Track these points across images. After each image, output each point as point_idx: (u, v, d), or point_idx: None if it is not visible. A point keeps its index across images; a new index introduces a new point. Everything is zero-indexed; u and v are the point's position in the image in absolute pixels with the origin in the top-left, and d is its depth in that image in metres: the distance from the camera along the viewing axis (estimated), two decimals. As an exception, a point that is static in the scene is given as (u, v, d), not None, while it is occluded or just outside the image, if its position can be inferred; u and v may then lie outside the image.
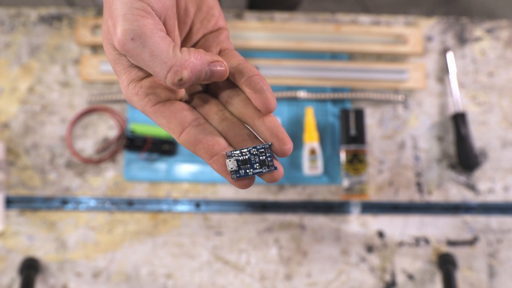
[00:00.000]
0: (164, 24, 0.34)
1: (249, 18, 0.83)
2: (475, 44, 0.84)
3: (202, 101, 0.37)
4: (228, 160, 0.34)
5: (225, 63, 0.34)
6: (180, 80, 0.32)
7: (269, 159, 0.34)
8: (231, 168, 0.34)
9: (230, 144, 0.35)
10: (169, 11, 0.34)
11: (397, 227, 0.78)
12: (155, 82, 0.35)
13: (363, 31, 0.81)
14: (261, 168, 0.34)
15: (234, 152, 0.34)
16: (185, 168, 0.78)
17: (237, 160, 0.34)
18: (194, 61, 0.33)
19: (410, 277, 0.77)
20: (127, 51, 0.32)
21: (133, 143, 0.77)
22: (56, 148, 0.78)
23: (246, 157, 0.34)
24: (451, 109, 0.81)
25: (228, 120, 0.36)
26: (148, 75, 0.35)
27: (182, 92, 0.36)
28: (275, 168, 0.34)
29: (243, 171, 0.34)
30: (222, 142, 0.34)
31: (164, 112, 0.34)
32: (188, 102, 0.37)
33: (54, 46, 0.81)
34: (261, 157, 0.34)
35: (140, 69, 0.34)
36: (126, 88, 0.35)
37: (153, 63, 0.32)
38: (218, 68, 0.34)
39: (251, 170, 0.34)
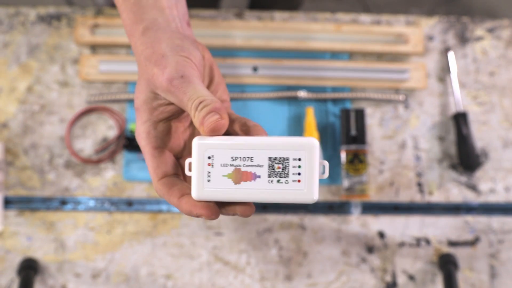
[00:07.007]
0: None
1: (249, 17, 0.83)
2: (476, 44, 0.83)
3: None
4: None
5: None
6: (219, 119, 0.38)
7: None
8: None
9: None
10: (200, 71, 0.43)
11: (397, 227, 0.78)
12: (165, 129, 0.43)
13: (364, 31, 0.81)
14: None
15: None
16: (184, 168, 0.77)
17: None
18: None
19: (411, 277, 0.77)
20: (174, 86, 0.40)
21: (132, 143, 0.77)
22: (55, 148, 0.78)
23: None
24: (452, 109, 0.81)
25: None
26: (167, 118, 0.43)
27: (176, 143, 0.44)
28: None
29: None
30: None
31: (157, 157, 0.42)
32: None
33: (53, 45, 0.80)
34: None
35: (162, 112, 0.43)
36: (143, 123, 0.43)
37: (193, 99, 0.39)
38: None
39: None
